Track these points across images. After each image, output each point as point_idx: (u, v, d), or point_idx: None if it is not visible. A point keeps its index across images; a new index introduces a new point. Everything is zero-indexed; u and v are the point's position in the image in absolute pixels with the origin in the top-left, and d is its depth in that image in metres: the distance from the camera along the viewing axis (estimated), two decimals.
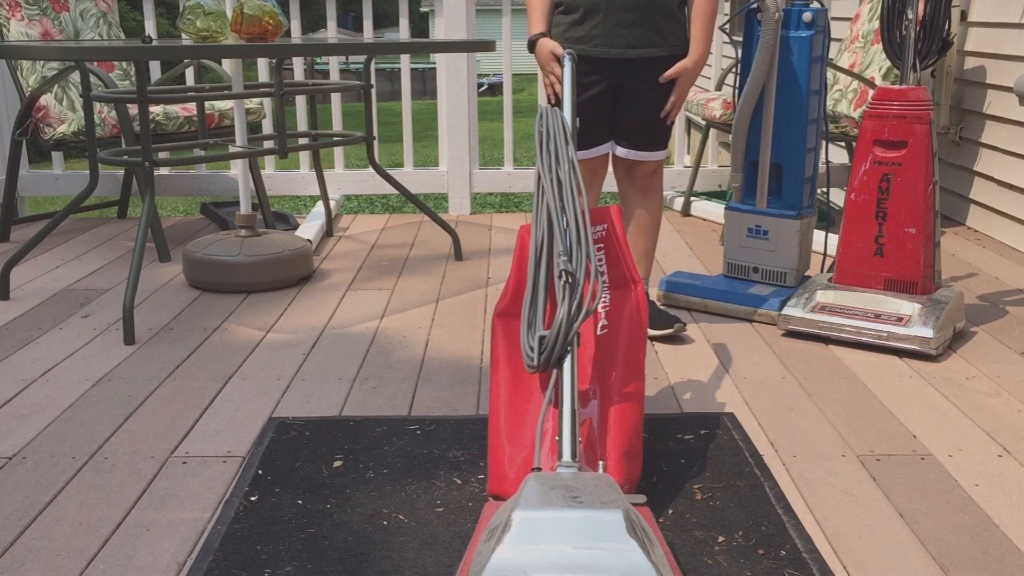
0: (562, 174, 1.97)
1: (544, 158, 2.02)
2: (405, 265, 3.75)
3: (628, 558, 1.42)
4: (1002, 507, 1.89)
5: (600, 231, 2.13)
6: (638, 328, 2.02)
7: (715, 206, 4.50)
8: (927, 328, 2.68)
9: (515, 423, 1.94)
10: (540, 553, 1.43)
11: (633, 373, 1.98)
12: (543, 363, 1.74)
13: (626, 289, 2.08)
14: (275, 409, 2.37)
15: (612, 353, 2.02)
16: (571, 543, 1.45)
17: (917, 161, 2.78)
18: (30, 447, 2.16)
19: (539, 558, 1.43)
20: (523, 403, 1.97)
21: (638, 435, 1.93)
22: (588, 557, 1.43)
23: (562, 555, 1.43)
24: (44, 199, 6.42)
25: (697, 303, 3.12)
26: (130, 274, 2.92)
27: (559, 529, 1.46)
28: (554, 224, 1.86)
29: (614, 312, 2.07)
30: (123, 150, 3.53)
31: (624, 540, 1.43)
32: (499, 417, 1.94)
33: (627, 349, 2.00)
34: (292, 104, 6.65)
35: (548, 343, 1.74)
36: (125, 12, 15.66)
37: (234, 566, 1.69)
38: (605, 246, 2.13)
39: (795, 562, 1.69)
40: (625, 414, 1.93)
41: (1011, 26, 3.96)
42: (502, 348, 2.01)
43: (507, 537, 1.46)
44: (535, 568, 1.42)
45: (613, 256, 2.12)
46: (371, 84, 3.94)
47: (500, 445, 1.90)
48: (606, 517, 1.46)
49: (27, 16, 4.14)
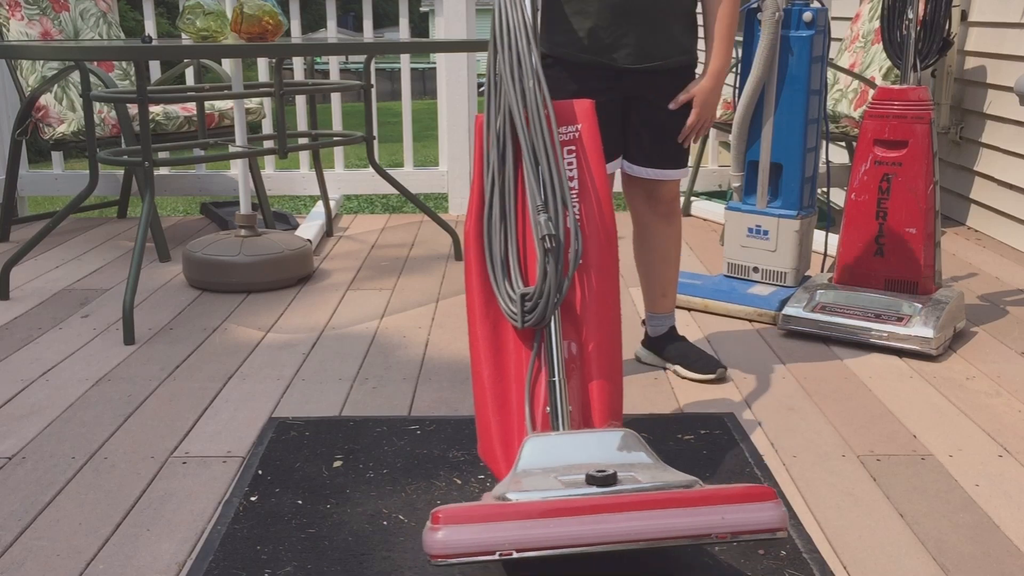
0: (528, 88, 1.83)
1: (505, 56, 1.85)
2: (405, 265, 3.75)
3: (637, 457, 1.67)
4: (1002, 507, 1.89)
5: (572, 132, 1.95)
6: (608, 258, 1.91)
7: (715, 206, 4.49)
8: (927, 328, 2.68)
9: (499, 377, 1.90)
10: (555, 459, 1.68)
11: (607, 305, 1.90)
12: (529, 324, 1.81)
13: (592, 205, 1.92)
14: (275, 409, 2.37)
15: (584, 287, 1.91)
16: (586, 450, 1.68)
17: (917, 161, 2.78)
18: (30, 447, 2.16)
19: (558, 462, 1.67)
20: (504, 352, 1.91)
21: (620, 383, 1.92)
22: (605, 459, 1.66)
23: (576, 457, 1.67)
24: (44, 199, 6.41)
25: (697, 303, 3.12)
26: (130, 274, 2.91)
27: (570, 443, 1.70)
28: (524, 159, 1.83)
29: (584, 235, 1.91)
30: (123, 150, 3.53)
31: (635, 447, 1.69)
32: (482, 374, 1.90)
33: (598, 283, 1.90)
34: (292, 104, 6.64)
35: (533, 303, 1.82)
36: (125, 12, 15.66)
37: (234, 566, 1.68)
38: (576, 150, 1.95)
39: (795, 562, 1.68)
40: (603, 354, 1.89)
41: (1011, 26, 3.96)
42: (476, 279, 1.92)
43: (522, 455, 1.69)
44: (558, 470, 1.65)
45: (584, 163, 1.94)
46: (371, 84, 3.94)
47: (485, 410, 1.89)
48: (613, 435, 1.71)
49: (27, 16, 4.14)
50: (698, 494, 1.53)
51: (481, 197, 1.92)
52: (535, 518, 1.49)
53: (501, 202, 1.89)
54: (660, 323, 2.60)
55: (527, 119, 1.85)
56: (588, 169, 1.93)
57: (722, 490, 1.55)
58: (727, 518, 1.49)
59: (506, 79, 1.86)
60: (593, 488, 1.57)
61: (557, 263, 1.81)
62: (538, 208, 1.82)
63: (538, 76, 1.86)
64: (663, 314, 2.60)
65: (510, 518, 1.49)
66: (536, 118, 1.85)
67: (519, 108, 1.85)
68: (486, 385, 1.89)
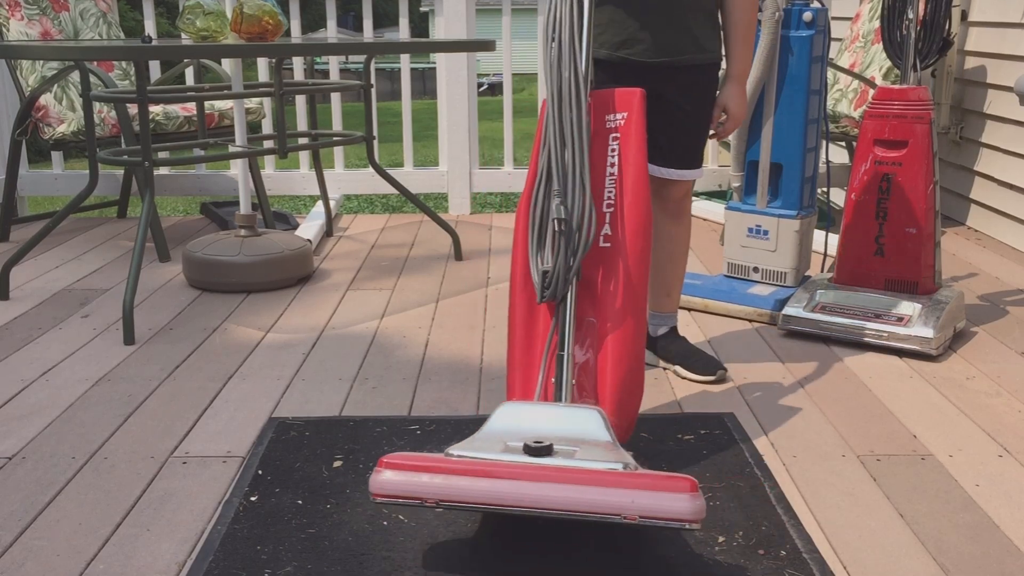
0: (564, 77, 1.95)
1: (551, 51, 1.98)
2: (405, 265, 3.75)
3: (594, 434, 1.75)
4: (1002, 507, 1.89)
5: (619, 120, 2.03)
6: (640, 244, 1.99)
7: (715, 206, 4.49)
8: (927, 328, 2.68)
9: (528, 344, 2.03)
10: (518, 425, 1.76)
11: (633, 290, 1.97)
12: (546, 299, 1.96)
13: (628, 192, 2.00)
14: (275, 409, 2.37)
15: (612, 270, 1.99)
16: (547, 422, 1.77)
17: (917, 161, 2.78)
18: (30, 447, 2.16)
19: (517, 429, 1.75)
20: (535, 322, 2.04)
21: (638, 366, 1.99)
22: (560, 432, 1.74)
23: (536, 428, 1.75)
24: (44, 199, 6.41)
25: (697, 303, 3.12)
26: (130, 274, 2.91)
27: (537, 412, 1.80)
28: (552, 157, 1.94)
29: (616, 221, 2.00)
30: (123, 150, 3.53)
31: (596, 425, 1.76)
32: (515, 337, 2.04)
33: (626, 268, 1.99)
34: (292, 104, 6.64)
35: (550, 280, 1.93)
36: (125, 12, 15.65)
37: (234, 566, 1.68)
38: (621, 138, 2.02)
39: (795, 562, 1.68)
40: (621, 335, 1.97)
41: (1011, 26, 3.96)
42: (521, 252, 2.04)
43: (491, 418, 1.79)
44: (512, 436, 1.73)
45: (626, 151, 2.02)
46: (371, 84, 3.94)
47: (514, 373, 2.03)
48: (581, 411, 1.79)
49: (27, 16, 4.14)
50: (617, 475, 1.61)
51: (535, 174, 2.01)
52: (461, 475, 1.62)
53: (548, 181, 1.98)
54: (662, 322, 2.60)
55: (560, 104, 1.95)
56: (630, 157, 2.02)
57: (644, 475, 1.63)
58: (638, 502, 1.57)
59: (552, 67, 1.98)
60: (526, 457, 1.67)
61: (568, 245, 1.91)
62: (555, 192, 1.93)
63: (576, 65, 1.96)
64: (666, 314, 2.60)
65: (441, 472, 1.63)
66: (570, 104, 1.95)
67: (554, 93, 1.96)
68: (517, 351, 2.02)
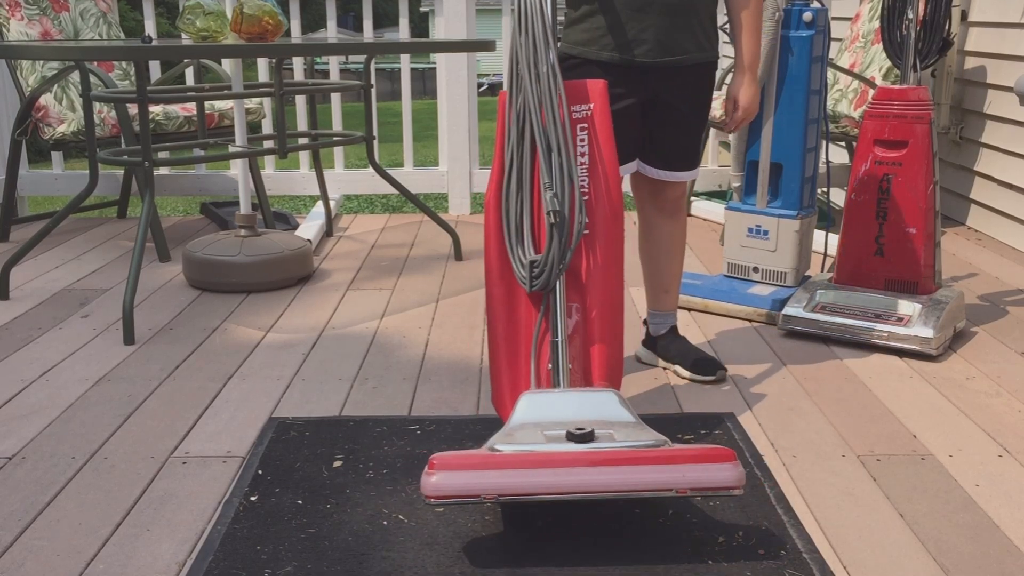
0: (542, 72, 1.98)
1: (524, 43, 2.00)
2: (405, 265, 3.75)
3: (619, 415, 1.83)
4: (1002, 507, 1.89)
5: (585, 110, 2.08)
6: (614, 230, 2.06)
7: (715, 206, 4.49)
8: (927, 328, 2.68)
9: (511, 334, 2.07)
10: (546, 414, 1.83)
11: (610, 274, 2.05)
12: (536, 289, 2.01)
13: (600, 181, 2.07)
14: (275, 409, 2.37)
15: (590, 257, 2.07)
16: (571, 408, 1.84)
17: (917, 161, 2.78)
18: (30, 447, 2.16)
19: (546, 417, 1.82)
20: (516, 312, 2.08)
21: (620, 344, 2.07)
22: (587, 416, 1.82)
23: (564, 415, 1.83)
24: (44, 199, 6.41)
25: (697, 303, 3.12)
26: (130, 274, 2.91)
27: (560, 401, 1.86)
28: (536, 141, 1.98)
29: (592, 209, 2.07)
30: (123, 150, 3.53)
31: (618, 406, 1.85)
32: (497, 330, 2.08)
33: (603, 253, 2.05)
34: (292, 104, 6.65)
35: (540, 270, 1.99)
36: (125, 12, 15.65)
37: (234, 566, 1.68)
38: (589, 128, 2.08)
39: (795, 562, 1.68)
40: (605, 318, 2.05)
41: (1011, 26, 3.96)
42: (494, 245, 2.07)
43: (516, 409, 1.85)
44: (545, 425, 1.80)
45: (594, 141, 2.08)
46: (371, 84, 3.94)
47: (499, 364, 2.07)
48: (600, 394, 1.87)
49: (27, 16, 4.14)
50: (664, 453, 1.70)
51: (501, 169, 2.06)
52: (516, 468, 1.67)
53: (519, 175, 2.04)
54: (662, 321, 2.60)
55: (540, 101, 1.99)
56: (598, 147, 2.08)
57: (686, 450, 1.73)
58: (688, 476, 1.67)
59: (523, 63, 2.00)
60: (572, 444, 1.74)
61: (561, 236, 1.97)
62: (546, 185, 1.97)
63: (552, 61, 1.99)
64: (665, 312, 2.60)
65: (495, 467, 1.68)
66: (549, 100, 1.98)
67: (533, 90, 1.99)
68: (500, 341, 2.06)
